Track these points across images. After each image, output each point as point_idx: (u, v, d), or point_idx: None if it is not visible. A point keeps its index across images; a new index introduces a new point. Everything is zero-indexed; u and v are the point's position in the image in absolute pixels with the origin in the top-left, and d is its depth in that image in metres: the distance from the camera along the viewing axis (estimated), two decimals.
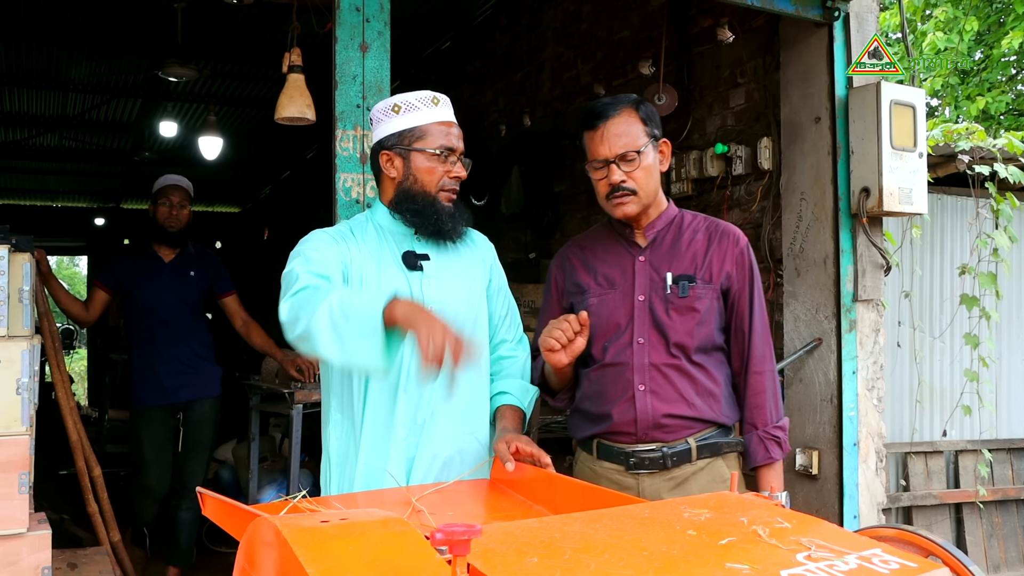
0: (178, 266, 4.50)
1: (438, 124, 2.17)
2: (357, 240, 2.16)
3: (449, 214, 2.19)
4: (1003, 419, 4.66)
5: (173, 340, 4.42)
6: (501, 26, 7.03)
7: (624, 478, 2.29)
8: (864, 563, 1.27)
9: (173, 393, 4.44)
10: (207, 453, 4.62)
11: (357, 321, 1.77)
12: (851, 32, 3.77)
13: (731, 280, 2.30)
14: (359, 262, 2.12)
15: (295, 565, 1.09)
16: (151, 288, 4.42)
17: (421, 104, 2.16)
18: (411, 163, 2.16)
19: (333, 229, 2.21)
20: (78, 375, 16.04)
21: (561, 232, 6.18)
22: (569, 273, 2.43)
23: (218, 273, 4.64)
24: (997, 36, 10.63)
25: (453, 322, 1.86)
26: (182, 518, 4.55)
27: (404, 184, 2.17)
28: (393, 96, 2.21)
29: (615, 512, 1.49)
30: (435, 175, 2.16)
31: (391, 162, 2.17)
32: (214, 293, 4.62)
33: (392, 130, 2.16)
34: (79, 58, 7.51)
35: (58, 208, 14.47)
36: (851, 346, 3.73)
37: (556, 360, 2.21)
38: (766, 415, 2.30)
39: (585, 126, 2.29)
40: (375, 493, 1.95)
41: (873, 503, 3.77)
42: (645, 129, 2.25)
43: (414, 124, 2.15)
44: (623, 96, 2.32)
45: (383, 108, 2.19)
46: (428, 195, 2.17)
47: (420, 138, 2.15)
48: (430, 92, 2.20)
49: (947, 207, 4.47)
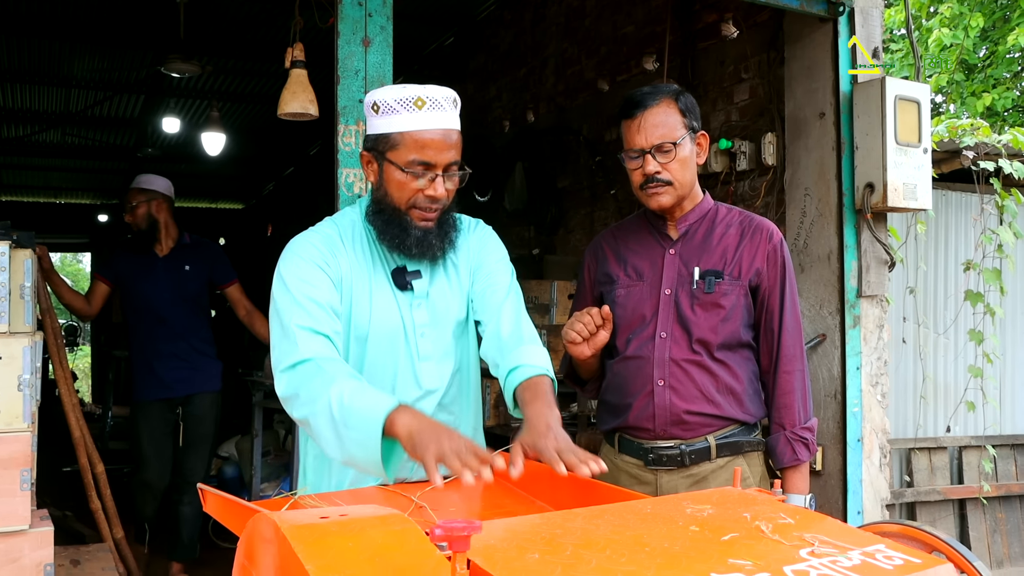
0: (173, 260, 4.47)
1: (416, 133, 1.87)
2: (346, 249, 1.96)
3: (417, 239, 1.94)
4: (1007, 415, 4.65)
5: (171, 337, 4.41)
6: (505, 22, 7.02)
7: (643, 473, 2.28)
8: (868, 559, 1.26)
9: (171, 388, 4.43)
10: (208, 448, 4.61)
11: (357, 430, 1.64)
12: (856, 27, 3.75)
13: (761, 277, 2.26)
14: (349, 278, 1.94)
15: (294, 562, 1.08)
16: (147, 284, 4.41)
17: (400, 107, 1.87)
18: (384, 172, 1.92)
19: (320, 238, 1.96)
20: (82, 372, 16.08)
21: (565, 228, 6.18)
22: (601, 262, 2.41)
23: (216, 263, 4.60)
24: (1002, 32, 10.59)
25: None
26: (184, 513, 4.54)
27: (378, 193, 1.95)
28: (377, 91, 1.93)
29: (617, 508, 1.48)
30: (405, 192, 1.91)
31: (370, 165, 1.96)
32: (215, 284, 4.59)
33: (371, 131, 1.93)
34: (82, 54, 7.51)
35: (61, 204, 14.50)
36: (855, 342, 3.72)
37: (579, 352, 2.21)
38: (795, 415, 2.26)
39: (623, 115, 2.25)
40: (377, 489, 1.94)
41: (877, 499, 3.76)
42: (683, 120, 2.22)
43: (389, 130, 1.89)
44: (663, 86, 2.27)
45: (367, 102, 1.94)
46: (398, 211, 1.93)
47: (393, 148, 1.89)
48: (416, 91, 1.89)
49: (951, 203, 4.46)
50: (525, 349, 1.93)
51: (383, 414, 1.62)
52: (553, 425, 1.72)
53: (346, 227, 2.00)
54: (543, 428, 1.70)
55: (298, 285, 1.86)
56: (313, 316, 1.82)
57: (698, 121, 2.27)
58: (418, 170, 1.90)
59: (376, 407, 1.63)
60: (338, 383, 1.70)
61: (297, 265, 1.90)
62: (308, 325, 1.81)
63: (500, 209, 6.54)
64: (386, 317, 1.98)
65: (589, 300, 2.42)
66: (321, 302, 1.85)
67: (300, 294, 1.85)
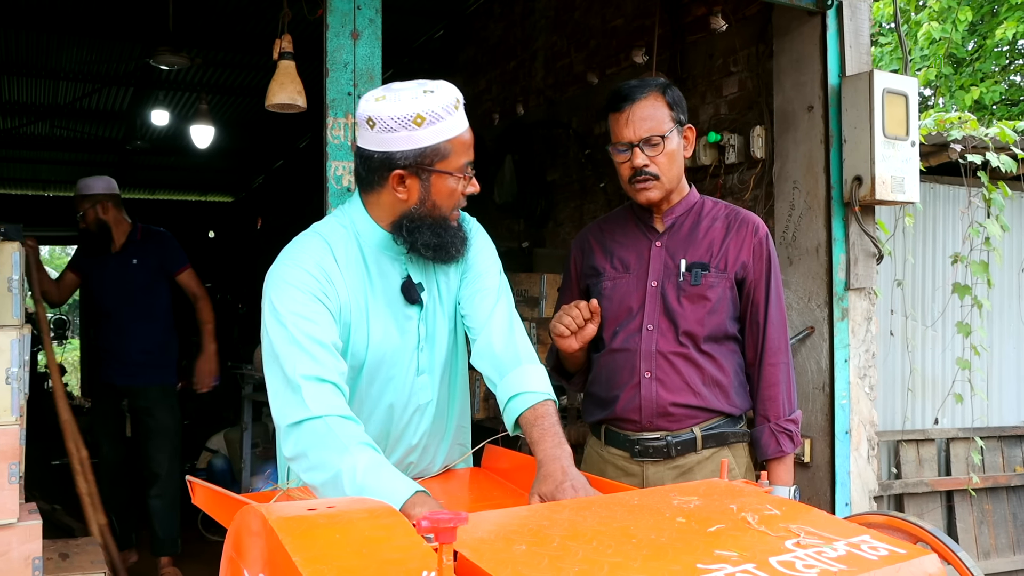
0: (122, 256, 4.53)
1: (462, 136, 1.80)
2: (341, 270, 1.82)
3: (462, 239, 1.90)
4: (994, 407, 4.68)
5: (114, 331, 4.49)
6: (494, 15, 7.01)
7: (629, 465, 2.29)
8: (853, 549, 1.27)
9: (112, 378, 4.54)
10: (168, 440, 4.59)
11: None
12: (844, 21, 3.76)
13: (747, 270, 2.28)
14: (346, 301, 1.81)
15: (282, 553, 1.08)
16: (98, 280, 4.53)
17: (446, 113, 1.76)
18: (431, 186, 1.80)
19: (313, 262, 1.80)
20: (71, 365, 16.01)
21: (554, 221, 6.18)
22: (587, 255, 2.42)
23: (166, 251, 4.60)
24: (990, 26, 10.63)
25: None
26: (152, 506, 4.56)
27: (419, 210, 1.82)
28: (409, 99, 1.75)
29: (604, 500, 1.49)
30: (454, 198, 1.83)
31: (403, 183, 1.80)
32: (168, 272, 4.59)
33: (411, 146, 1.76)
34: (70, 46, 7.47)
35: (49, 197, 14.41)
36: (843, 334, 3.74)
37: (567, 346, 2.21)
38: (779, 408, 2.28)
39: (611, 108, 2.25)
40: None
41: (865, 491, 3.78)
42: (671, 114, 2.23)
43: (439, 140, 1.76)
44: (650, 79, 2.27)
45: (399, 117, 1.74)
46: (443, 220, 1.85)
47: (444, 158, 1.78)
48: (450, 91, 1.80)
49: (939, 196, 4.48)
50: (524, 371, 1.88)
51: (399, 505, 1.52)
52: (568, 469, 1.69)
53: (338, 243, 1.85)
54: (559, 476, 1.68)
55: (297, 323, 1.71)
56: (318, 361, 1.69)
57: (685, 114, 2.28)
58: (469, 172, 1.84)
59: (392, 496, 1.53)
60: (351, 454, 1.59)
61: (293, 298, 1.75)
62: (313, 374, 1.67)
63: (489, 202, 6.54)
64: (385, 339, 1.88)
65: (576, 293, 2.43)
66: (324, 342, 1.72)
67: (301, 334, 1.70)
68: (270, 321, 1.74)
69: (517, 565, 1.12)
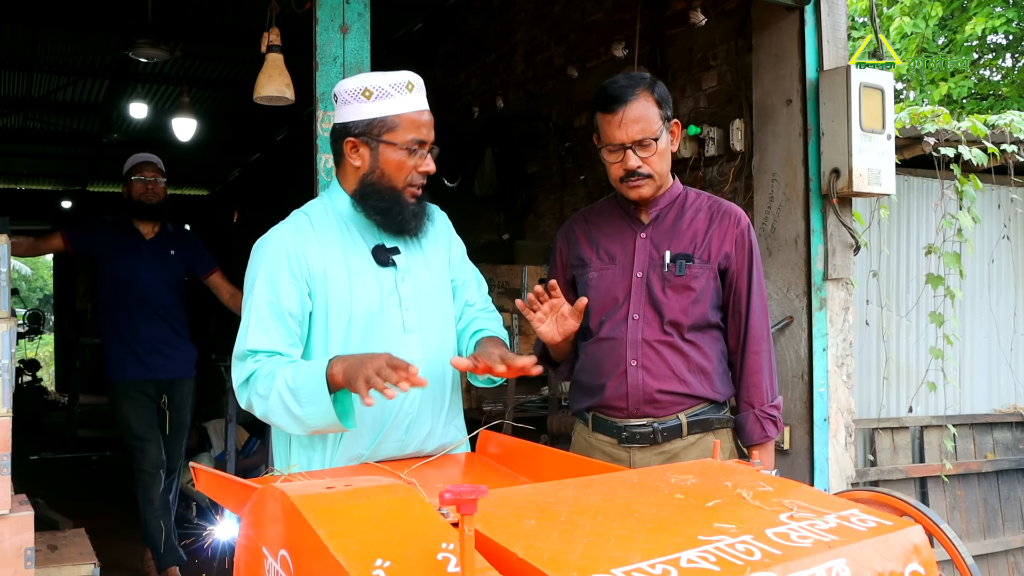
0: (158, 244, 4.43)
1: (411, 115, 2.01)
2: (317, 235, 2.03)
3: (413, 212, 2.07)
4: (966, 395, 4.78)
5: (151, 318, 4.34)
6: (473, 7, 7.03)
7: (616, 451, 2.34)
8: (843, 522, 1.33)
9: (153, 371, 4.34)
10: (184, 434, 4.56)
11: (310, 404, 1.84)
12: (822, 16, 3.83)
13: (730, 260, 2.33)
14: (322, 264, 2.01)
15: (305, 529, 1.13)
16: (131, 264, 4.32)
17: (394, 91, 1.99)
18: (379, 155, 2.02)
19: (290, 230, 2.03)
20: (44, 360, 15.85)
21: (534, 213, 6.22)
22: (573, 246, 2.46)
23: (197, 253, 4.57)
24: (960, 21, 10.79)
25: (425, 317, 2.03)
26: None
27: (369, 177, 2.04)
28: (364, 76, 2.04)
29: (605, 479, 1.55)
30: (403, 170, 2.03)
31: (356, 150, 2.03)
32: (196, 275, 4.55)
33: (360, 116, 2.00)
34: (45, 37, 7.40)
35: (22, 191, 14.26)
36: (821, 324, 3.82)
37: (549, 338, 2.24)
38: (763, 394, 2.35)
39: (601, 108, 2.27)
40: (365, 466, 1.99)
41: (842, 477, 3.87)
42: (660, 112, 2.26)
43: (385, 113, 1.99)
44: (638, 76, 2.29)
45: (352, 89, 2.01)
46: (394, 191, 2.04)
47: (391, 130, 2.00)
48: (405, 76, 2.03)
49: (913, 188, 4.56)
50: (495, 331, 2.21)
51: (323, 377, 1.82)
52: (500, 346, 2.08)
53: (316, 215, 2.08)
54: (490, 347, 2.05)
55: (260, 291, 1.98)
56: (267, 333, 1.96)
57: (671, 110, 2.32)
58: (416, 148, 2.03)
59: (315, 374, 1.83)
60: (279, 374, 1.88)
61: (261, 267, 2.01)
62: (262, 347, 1.96)
63: (470, 194, 6.57)
64: (368, 295, 2.03)
65: (561, 283, 2.46)
66: (280, 310, 1.97)
67: (261, 302, 1.97)
68: (244, 285, 2.05)
69: (529, 538, 1.17)
